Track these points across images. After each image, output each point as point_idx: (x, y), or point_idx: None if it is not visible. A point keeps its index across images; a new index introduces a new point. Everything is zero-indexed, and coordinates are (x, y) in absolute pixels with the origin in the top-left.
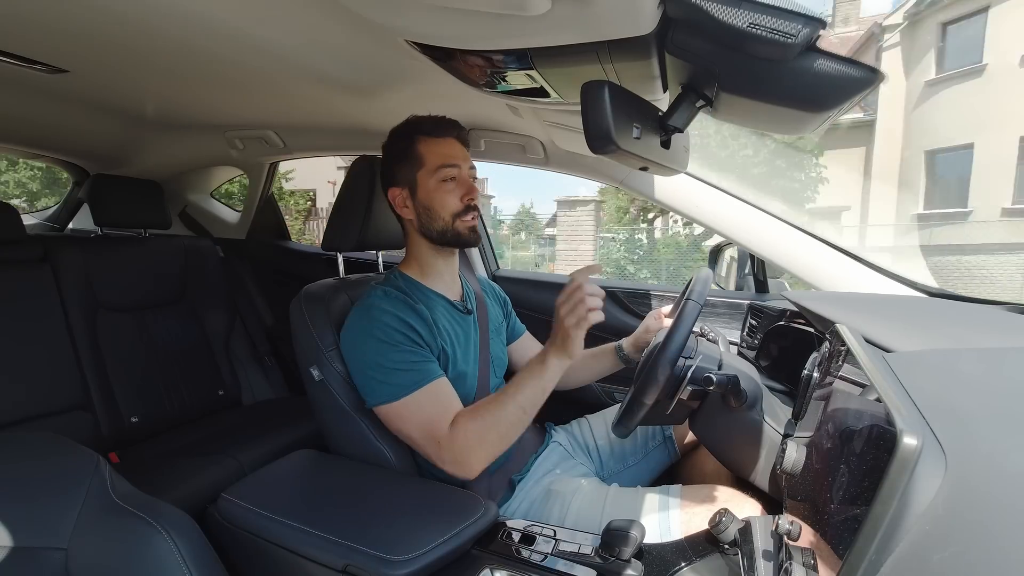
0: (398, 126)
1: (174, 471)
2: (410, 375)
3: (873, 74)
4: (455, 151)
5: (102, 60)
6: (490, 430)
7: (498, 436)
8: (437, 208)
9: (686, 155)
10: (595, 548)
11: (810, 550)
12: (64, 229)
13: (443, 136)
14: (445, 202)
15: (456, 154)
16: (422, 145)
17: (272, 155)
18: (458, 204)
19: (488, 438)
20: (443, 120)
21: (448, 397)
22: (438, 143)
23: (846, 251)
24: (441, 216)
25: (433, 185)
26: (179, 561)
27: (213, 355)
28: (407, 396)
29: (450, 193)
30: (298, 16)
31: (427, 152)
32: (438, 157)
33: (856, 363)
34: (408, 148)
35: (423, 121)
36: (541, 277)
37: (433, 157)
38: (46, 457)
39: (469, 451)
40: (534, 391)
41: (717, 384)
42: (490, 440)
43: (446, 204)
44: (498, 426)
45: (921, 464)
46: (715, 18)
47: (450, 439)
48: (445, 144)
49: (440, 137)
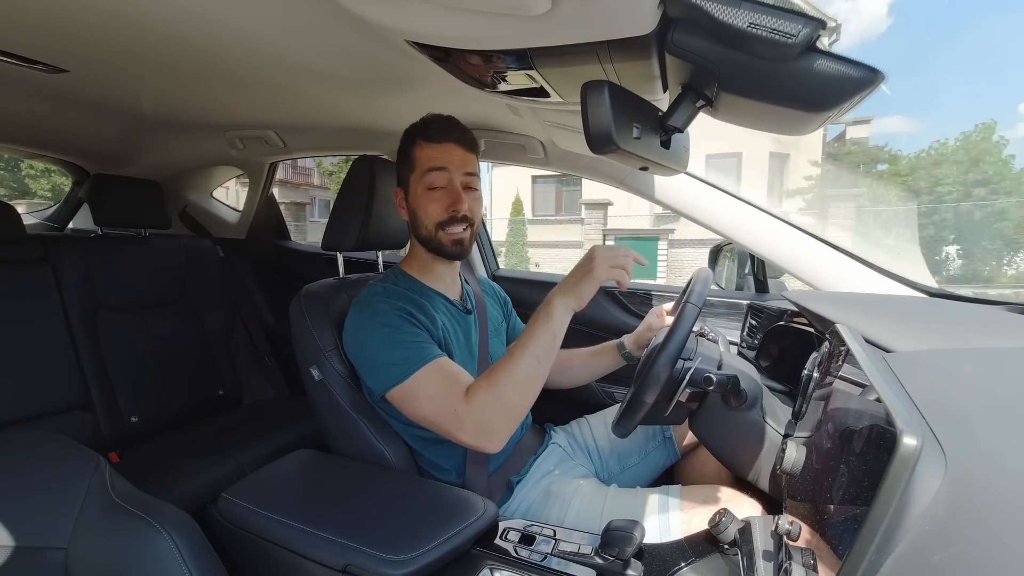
0: (410, 125)
1: (174, 471)
2: (415, 351)
3: (873, 74)
4: (450, 157)
5: (102, 60)
6: (507, 387)
7: (516, 392)
8: (420, 215)
9: (686, 155)
10: (595, 548)
11: (810, 550)
12: (64, 229)
13: (442, 141)
14: (428, 210)
15: (450, 160)
16: (418, 148)
17: (272, 155)
18: (442, 213)
19: (506, 396)
20: (448, 124)
21: (455, 369)
22: (433, 148)
23: (846, 251)
24: (424, 224)
25: (420, 191)
26: (179, 561)
27: (213, 355)
28: (416, 372)
29: (435, 201)
30: (298, 16)
31: (420, 156)
32: (427, 161)
33: (856, 363)
34: (407, 149)
35: (428, 123)
36: (541, 277)
37: (423, 161)
38: (46, 457)
39: (490, 412)
40: (544, 338)
41: (717, 384)
42: (508, 398)
43: (429, 212)
44: (514, 381)
45: (921, 464)
46: (715, 18)
47: (468, 406)
48: (441, 149)
49: (438, 142)
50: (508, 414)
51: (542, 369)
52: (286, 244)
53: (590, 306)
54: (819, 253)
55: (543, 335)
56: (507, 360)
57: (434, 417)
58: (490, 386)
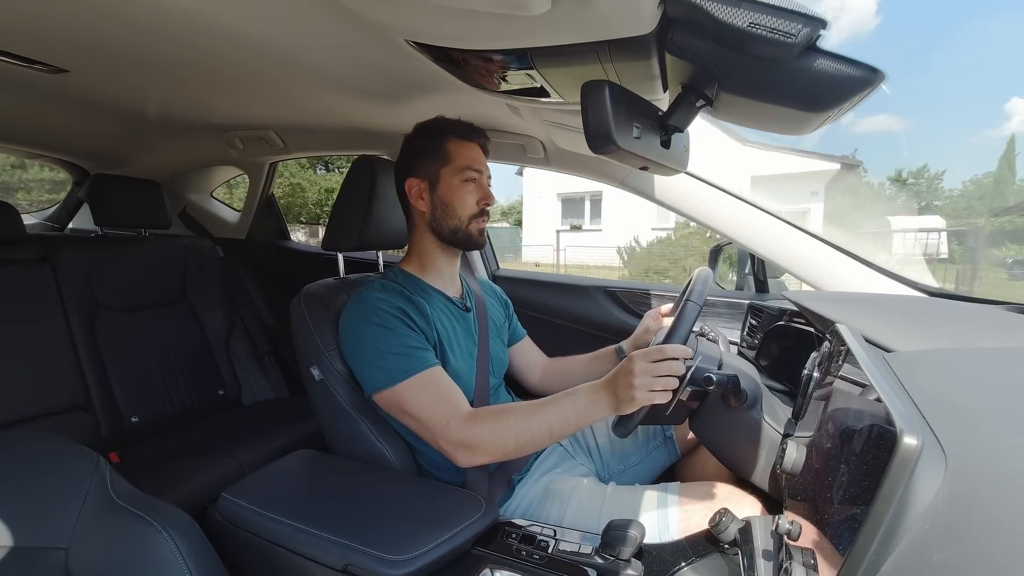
0: (427, 122)
1: (174, 471)
2: (407, 360)
3: (873, 74)
4: (480, 156)
5: (102, 60)
6: (510, 436)
7: (515, 444)
8: (456, 206)
9: (686, 155)
10: (595, 548)
11: (810, 550)
12: (64, 229)
13: (471, 140)
14: (465, 201)
15: (480, 159)
16: (452, 144)
17: (272, 155)
18: (475, 206)
19: (505, 440)
20: (473, 126)
21: (448, 383)
22: (466, 146)
23: (846, 251)
24: (458, 214)
25: (456, 183)
26: (179, 561)
27: (213, 355)
28: (406, 380)
29: (470, 194)
30: (298, 16)
31: (456, 151)
32: (465, 159)
33: (856, 363)
34: (437, 144)
35: (454, 123)
36: (541, 277)
37: (461, 158)
38: (46, 457)
39: (482, 444)
40: (568, 421)
41: (717, 384)
42: (505, 445)
43: (465, 203)
44: (519, 434)
45: (921, 464)
46: (715, 18)
47: (465, 425)
48: (472, 148)
49: (470, 141)
50: (496, 453)
51: (549, 440)
52: (286, 244)
53: (590, 306)
54: (819, 253)
55: (569, 419)
56: (526, 414)
57: (421, 423)
58: (498, 426)
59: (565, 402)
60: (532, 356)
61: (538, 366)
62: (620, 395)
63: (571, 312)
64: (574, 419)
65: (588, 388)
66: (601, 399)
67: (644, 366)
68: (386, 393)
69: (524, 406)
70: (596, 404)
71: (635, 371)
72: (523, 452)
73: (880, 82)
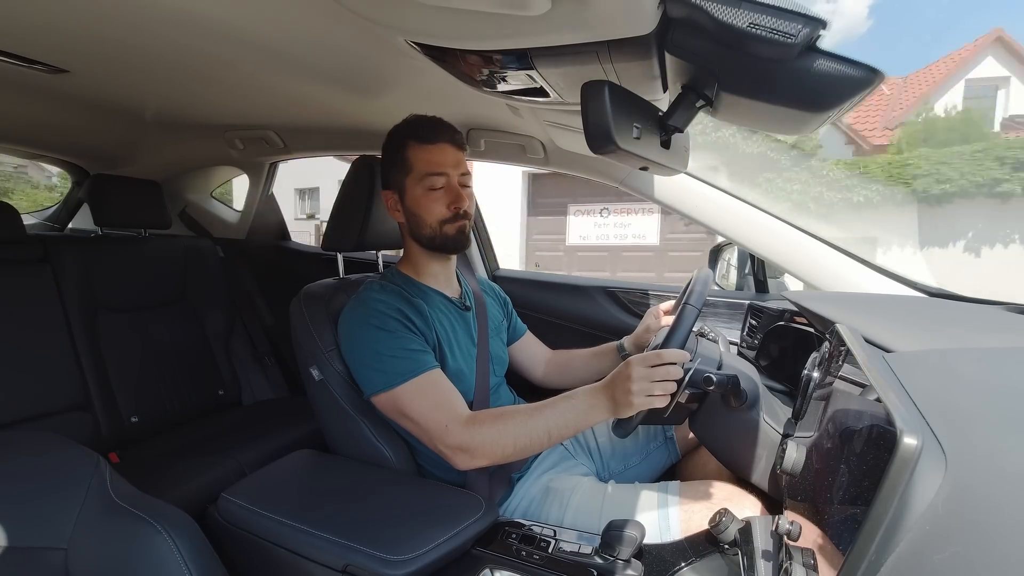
0: (395, 127)
1: (174, 471)
2: (406, 363)
3: (873, 74)
4: (445, 158)
5: (102, 60)
6: (509, 439)
7: (514, 448)
8: (423, 215)
9: (686, 155)
10: (595, 548)
11: (810, 550)
12: (64, 229)
13: (435, 142)
14: (432, 210)
15: (445, 161)
16: (411, 151)
17: (272, 155)
18: (444, 212)
19: (503, 444)
20: (437, 125)
21: (446, 386)
22: (427, 150)
23: (846, 251)
24: (428, 223)
25: (420, 192)
26: (179, 561)
27: (213, 355)
28: (404, 383)
29: (436, 201)
30: (298, 16)
31: (415, 159)
32: (425, 164)
33: (856, 363)
34: (398, 153)
35: (417, 125)
36: (541, 277)
37: (421, 164)
38: (46, 457)
39: (481, 448)
40: (567, 423)
41: (717, 384)
42: (504, 448)
43: (432, 212)
44: (518, 438)
45: (921, 464)
46: (715, 18)
47: (464, 429)
48: (435, 151)
49: (431, 143)
50: (494, 457)
51: (548, 443)
52: (286, 244)
53: (589, 305)
54: (819, 253)
55: (567, 423)
56: (524, 417)
57: (419, 426)
58: (496, 429)
59: (564, 406)
60: (535, 351)
61: (541, 360)
62: (618, 399)
63: (571, 312)
64: (572, 422)
65: (586, 392)
66: (599, 403)
67: (641, 371)
68: (384, 396)
69: (522, 409)
70: (594, 408)
71: (633, 376)
72: (521, 455)
73: (880, 82)
